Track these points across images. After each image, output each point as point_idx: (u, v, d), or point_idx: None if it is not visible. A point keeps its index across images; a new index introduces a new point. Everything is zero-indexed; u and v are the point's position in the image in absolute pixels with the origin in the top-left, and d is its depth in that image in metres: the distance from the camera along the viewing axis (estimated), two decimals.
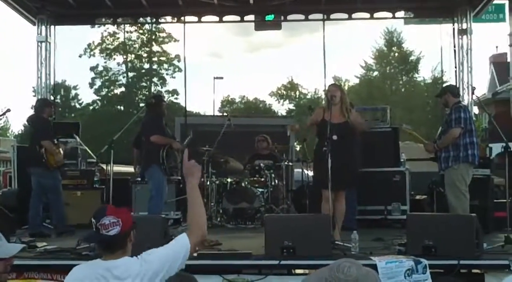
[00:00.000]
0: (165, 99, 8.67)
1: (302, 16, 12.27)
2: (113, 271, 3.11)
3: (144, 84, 42.53)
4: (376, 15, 12.15)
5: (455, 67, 11.76)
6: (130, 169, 10.84)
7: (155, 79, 42.11)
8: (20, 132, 40.50)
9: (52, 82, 12.21)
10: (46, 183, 8.44)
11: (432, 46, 57.94)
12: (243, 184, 9.56)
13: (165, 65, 42.00)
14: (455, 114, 7.21)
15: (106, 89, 41.96)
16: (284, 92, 48.03)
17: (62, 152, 8.61)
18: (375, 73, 41.75)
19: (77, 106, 43.36)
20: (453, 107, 7.35)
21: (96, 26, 33.57)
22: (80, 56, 40.68)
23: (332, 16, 12.32)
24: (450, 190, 7.21)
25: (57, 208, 8.54)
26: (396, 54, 40.55)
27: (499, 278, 5.47)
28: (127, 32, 40.81)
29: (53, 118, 9.08)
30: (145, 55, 42.07)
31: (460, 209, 6.98)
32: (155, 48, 41.75)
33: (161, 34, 41.15)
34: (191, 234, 3.34)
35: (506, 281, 3.42)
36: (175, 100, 38.89)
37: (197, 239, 3.37)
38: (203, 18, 12.37)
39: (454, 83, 11.29)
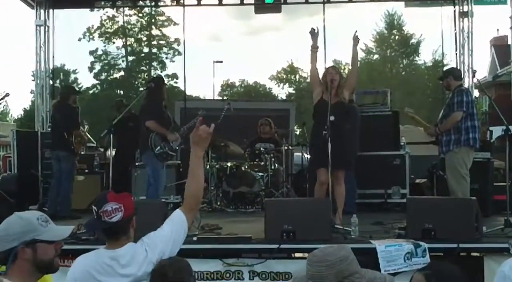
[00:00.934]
0: (166, 82, 8.42)
1: None
2: (119, 260, 3.10)
3: (143, 68, 42.47)
4: None
5: (456, 50, 11.72)
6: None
7: (154, 63, 42.04)
8: (19, 116, 40.48)
9: (51, 66, 12.17)
10: (65, 168, 8.71)
11: (432, 29, 57.55)
12: (243, 168, 9.55)
13: (165, 49, 41.93)
14: (457, 97, 7.19)
15: (106, 73, 41.91)
16: (284, 76, 47.94)
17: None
18: (376, 56, 41.64)
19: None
20: (455, 90, 7.33)
21: (95, 9, 33.38)
22: (79, 40, 40.64)
23: None
24: (450, 173, 7.22)
25: (66, 193, 8.67)
26: (397, 37, 40.43)
27: (498, 261, 5.47)
28: (127, 15, 40.71)
29: (77, 106, 9.22)
30: (144, 39, 41.96)
31: (460, 193, 7.00)
32: (155, 31, 41.68)
33: (161, 18, 41.05)
34: (187, 208, 3.34)
35: (505, 263, 3.44)
36: (174, 84, 38.80)
37: (193, 212, 3.37)
38: (203, 1, 12.29)
39: (454, 66, 11.24)
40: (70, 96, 9.00)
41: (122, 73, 42.16)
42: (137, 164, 9.67)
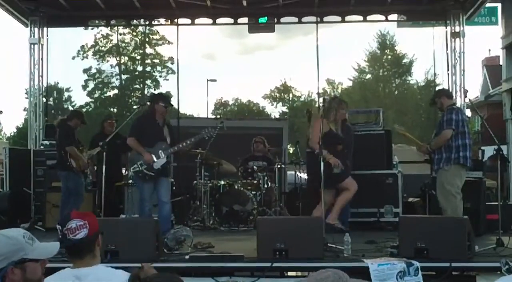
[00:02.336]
0: (162, 101, 8.25)
1: (295, 19, 12.29)
2: (83, 280, 3.01)
3: (137, 86, 42.50)
4: (369, 17, 12.19)
5: (448, 70, 11.81)
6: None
7: (148, 82, 42.06)
8: (12, 134, 40.35)
9: (45, 84, 12.20)
10: (71, 186, 8.87)
11: (425, 49, 57.97)
12: (236, 187, 9.55)
13: (159, 68, 41.99)
14: (447, 116, 7.29)
15: (99, 92, 41.90)
16: (278, 95, 48.02)
17: (86, 156, 8.92)
18: (368, 75, 41.83)
19: (70, 108, 43.06)
20: (446, 109, 7.41)
21: (89, 28, 33.65)
22: (73, 58, 40.64)
23: (325, 19, 12.34)
24: (440, 191, 7.33)
25: (70, 210, 8.60)
26: (389, 56, 40.67)
27: (491, 280, 5.48)
28: (121, 34, 40.80)
29: (77, 130, 9.28)
30: (138, 57, 42.04)
31: (450, 210, 7.05)
32: (149, 50, 41.76)
33: (155, 37, 41.16)
34: None
35: None
36: None
37: None
38: (197, 21, 12.38)
39: (446, 86, 11.35)
40: (73, 118, 9.16)
41: (115, 91, 42.16)
42: (129, 181, 9.66)
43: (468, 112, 17.44)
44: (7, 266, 2.52)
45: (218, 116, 37.54)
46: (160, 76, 41.88)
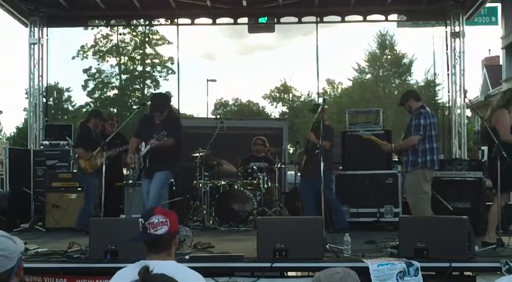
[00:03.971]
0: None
1: (295, 19, 12.29)
2: (156, 270, 3.04)
3: (137, 86, 42.50)
4: (369, 18, 12.20)
5: (448, 70, 11.81)
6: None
7: (148, 82, 42.06)
8: (12, 134, 40.37)
9: (44, 84, 12.19)
10: (83, 186, 9.21)
11: (424, 49, 58.14)
12: (236, 187, 9.55)
13: (158, 68, 42.00)
14: (415, 120, 7.29)
15: (99, 92, 41.92)
16: (278, 95, 48.07)
17: (102, 156, 8.50)
18: (368, 76, 41.85)
19: (70, 108, 43.25)
20: (414, 113, 7.39)
21: (89, 28, 33.70)
22: (73, 58, 40.66)
23: (325, 18, 12.35)
24: (408, 192, 7.48)
25: (83, 210, 8.95)
26: (389, 57, 40.69)
27: (490, 280, 5.48)
28: (120, 34, 40.81)
29: (99, 129, 9.48)
30: (138, 57, 42.04)
31: (420, 210, 7.11)
32: (149, 50, 41.76)
33: (155, 37, 41.17)
34: None
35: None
36: None
37: None
38: (196, 21, 12.38)
39: (446, 86, 11.36)
40: (90, 119, 9.39)
41: (115, 91, 42.16)
42: (130, 181, 9.66)
43: (468, 113, 17.45)
44: (16, 264, 2.57)
45: (218, 116, 37.56)
46: (160, 76, 41.92)
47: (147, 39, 41.29)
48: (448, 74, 11.81)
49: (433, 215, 7.11)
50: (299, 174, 8.92)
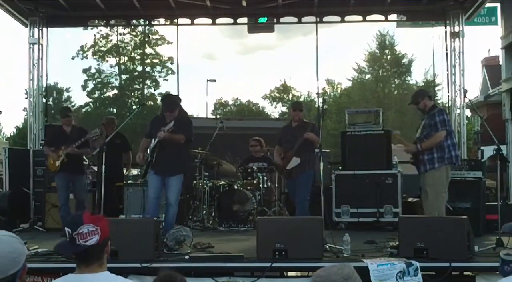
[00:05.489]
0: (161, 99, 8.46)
1: (295, 19, 12.29)
2: None
3: (137, 86, 42.44)
4: (368, 18, 12.19)
5: (447, 70, 11.81)
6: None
7: (148, 82, 42.01)
8: (12, 134, 40.37)
9: (44, 85, 12.18)
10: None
11: (424, 49, 58.22)
12: (235, 187, 9.55)
13: (158, 68, 41.93)
14: (439, 117, 7.22)
15: (99, 92, 41.86)
16: (277, 95, 48.04)
17: (61, 156, 8.61)
18: (368, 76, 41.83)
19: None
20: (436, 110, 7.36)
21: (89, 28, 33.66)
22: (72, 58, 40.60)
23: (325, 19, 12.34)
24: (432, 191, 7.17)
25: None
26: (389, 57, 40.66)
27: (490, 280, 5.49)
28: (120, 34, 40.75)
29: (71, 126, 9.11)
30: (138, 57, 41.99)
31: (438, 211, 6.99)
32: (148, 50, 41.70)
33: (154, 37, 41.12)
34: None
35: None
36: None
37: None
38: (196, 21, 12.38)
39: (446, 86, 11.36)
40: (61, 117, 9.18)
41: (115, 91, 42.11)
42: (129, 182, 9.67)
43: (467, 112, 17.46)
44: (21, 267, 2.56)
45: (218, 116, 37.57)
46: (160, 76, 41.87)
47: (146, 39, 41.23)
48: (447, 74, 11.81)
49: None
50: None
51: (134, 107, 38.49)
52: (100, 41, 40.97)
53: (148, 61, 41.80)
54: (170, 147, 7.43)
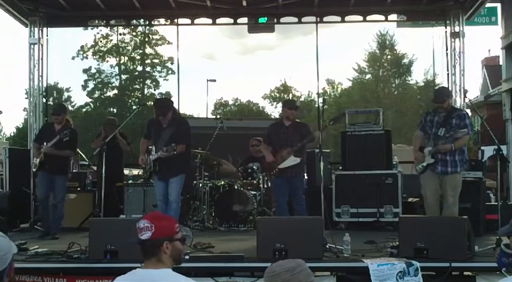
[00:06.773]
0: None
1: (295, 19, 12.27)
2: (149, 280, 3.04)
3: (137, 86, 42.44)
4: (369, 18, 12.18)
5: (448, 70, 11.80)
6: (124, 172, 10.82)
7: (148, 82, 42.00)
8: (12, 134, 40.37)
9: (44, 85, 12.15)
10: None
11: (424, 49, 58.23)
12: (235, 187, 9.55)
13: (158, 68, 41.93)
14: (467, 119, 7.12)
15: (99, 92, 41.86)
16: (277, 95, 48.03)
17: (40, 154, 8.54)
18: (368, 76, 41.87)
19: (70, 108, 43.08)
20: (462, 112, 7.29)
21: (89, 28, 33.69)
22: (73, 58, 40.62)
23: (325, 19, 12.32)
24: (453, 194, 7.03)
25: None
26: (389, 57, 40.71)
27: (490, 280, 5.49)
28: (120, 34, 40.75)
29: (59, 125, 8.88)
30: (138, 57, 41.98)
31: (456, 211, 6.95)
32: (148, 50, 41.70)
33: (154, 37, 41.12)
34: None
35: None
36: None
37: None
38: (196, 21, 12.36)
39: (446, 86, 11.32)
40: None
41: (115, 91, 42.10)
42: (129, 182, 9.67)
43: (468, 112, 17.44)
44: (8, 266, 2.55)
45: (218, 116, 37.56)
46: (160, 76, 41.86)
47: (147, 39, 41.23)
48: (448, 74, 11.79)
49: None
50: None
51: (134, 107, 38.45)
52: (100, 41, 40.97)
53: (148, 61, 41.80)
54: (171, 157, 7.59)
